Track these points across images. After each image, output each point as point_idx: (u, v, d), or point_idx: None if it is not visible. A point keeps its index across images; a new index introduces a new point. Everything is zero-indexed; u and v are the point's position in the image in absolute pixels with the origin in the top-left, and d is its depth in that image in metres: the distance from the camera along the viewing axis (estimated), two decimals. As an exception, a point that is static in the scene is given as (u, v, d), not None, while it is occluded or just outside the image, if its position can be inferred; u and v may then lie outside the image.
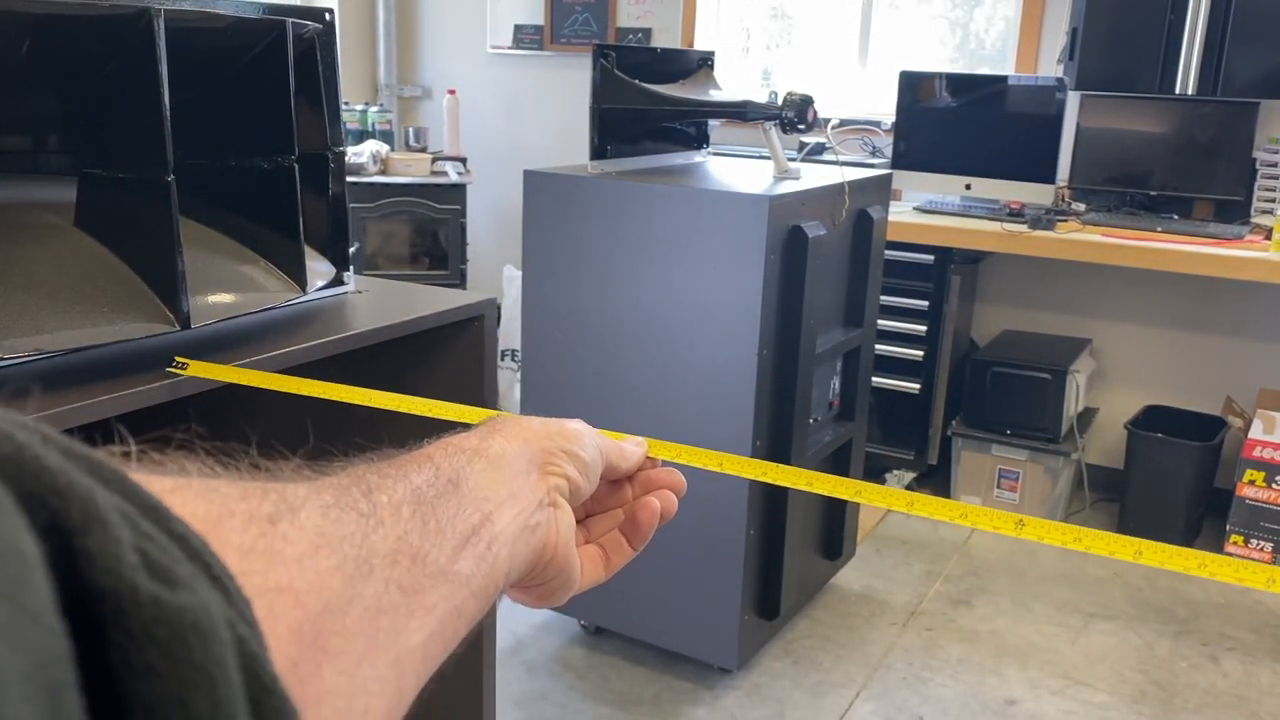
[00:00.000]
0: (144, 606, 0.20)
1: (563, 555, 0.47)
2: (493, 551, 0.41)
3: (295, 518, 0.33)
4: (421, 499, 0.39)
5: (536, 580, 0.47)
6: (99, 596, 0.20)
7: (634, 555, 0.55)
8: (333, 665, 0.32)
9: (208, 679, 0.20)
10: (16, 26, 0.86)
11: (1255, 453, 3.09)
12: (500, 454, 0.45)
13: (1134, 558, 0.50)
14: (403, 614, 0.35)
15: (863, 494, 0.57)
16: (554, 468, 0.47)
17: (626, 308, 2.39)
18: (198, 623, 0.21)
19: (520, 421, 0.49)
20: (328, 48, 1.12)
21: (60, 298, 0.85)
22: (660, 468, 0.58)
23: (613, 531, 0.55)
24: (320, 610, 0.32)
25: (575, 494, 0.49)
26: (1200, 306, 3.52)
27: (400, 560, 0.36)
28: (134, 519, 0.22)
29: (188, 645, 0.20)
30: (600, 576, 0.54)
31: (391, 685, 0.34)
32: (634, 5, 4.37)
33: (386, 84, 4.87)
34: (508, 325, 3.90)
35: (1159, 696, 2.56)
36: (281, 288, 1.04)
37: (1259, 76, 3.15)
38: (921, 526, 3.44)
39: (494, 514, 0.42)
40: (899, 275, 3.38)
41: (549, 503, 0.46)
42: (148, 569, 0.21)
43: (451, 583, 0.38)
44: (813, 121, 2.61)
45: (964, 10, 4.04)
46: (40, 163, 0.98)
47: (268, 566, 0.31)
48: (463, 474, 0.42)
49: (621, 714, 2.43)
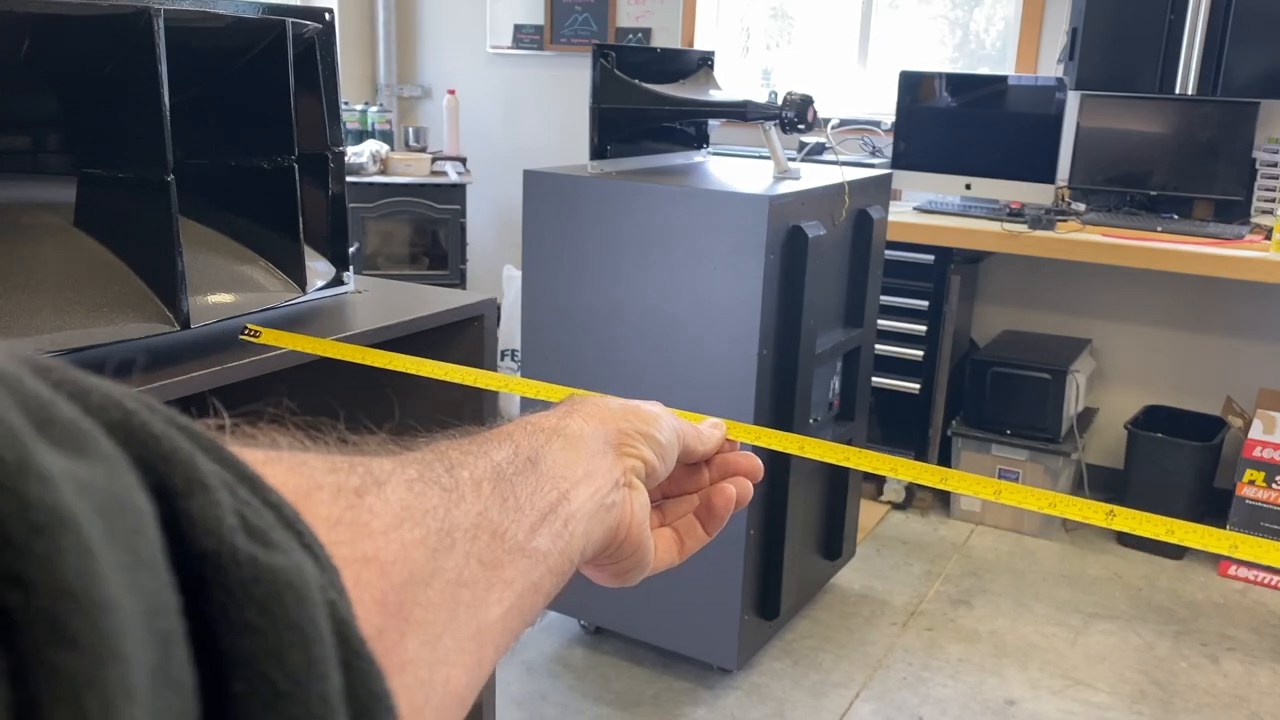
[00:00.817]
0: (243, 565, 0.21)
1: (636, 535, 0.47)
2: (569, 529, 0.42)
3: (381, 491, 0.34)
4: (501, 476, 0.40)
5: (611, 559, 0.48)
6: (200, 556, 0.21)
7: (708, 540, 0.55)
8: (416, 635, 0.32)
9: (302, 636, 0.21)
10: (16, 26, 0.86)
11: (1255, 453, 3.09)
12: (578, 434, 0.46)
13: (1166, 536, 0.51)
14: (482, 587, 0.36)
15: (949, 480, 0.57)
16: (630, 449, 0.48)
17: (626, 307, 2.39)
18: (293, 583, 0.22)
19: (598, 402, 0.50)
20: (327, 47, 1.12)
21: (60, 298, 0.85)
22: (739, 451, 0.58)
23: (687, 516, 0.55)
24: (404, 581, 0.33)
25: (651, 476, 0.49)
26: (1200, 306, 3.52)
27: (480, 535, 0.37)
28: (232, 485, 0.23)
29: (283, 603, 0.21)
30: (674, 560, 0.54)
31: (472, 657, 0.35)
32: (634, 5, 4.37)
33: (386, 84, 4.87)
34: (507, 325, 3.90)
35: (1159, 697, 2.56)
36: (281, 288, 1.04)
37: (1259, 76, 3.15)
38: (921, 527, 3.44)
39: (570, 492, 0.43)
40: (899, 275, 3.38)
41: (624, 483, 0.47)
42: (246, 531, 0.22)
43: (529, 558, 0.39)
44: (813, 121, 2.61)
45: (964, 10, 4.04)
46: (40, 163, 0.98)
47: (355, 537, 0.32)
48: (541, 452, 0.43)
49: (621, 714, 2.43)
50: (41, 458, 0.18)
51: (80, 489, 0.19)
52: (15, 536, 0.17)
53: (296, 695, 0.21)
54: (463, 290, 3.92)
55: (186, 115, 0.93)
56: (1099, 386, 3.68)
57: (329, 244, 1.17)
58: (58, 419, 0.20)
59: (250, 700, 0.20)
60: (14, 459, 0.18)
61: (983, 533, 3.41)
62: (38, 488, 0.18)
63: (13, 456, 0.18)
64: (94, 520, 0.18)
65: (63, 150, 0.98)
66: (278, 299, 1.03)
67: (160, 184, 0.89)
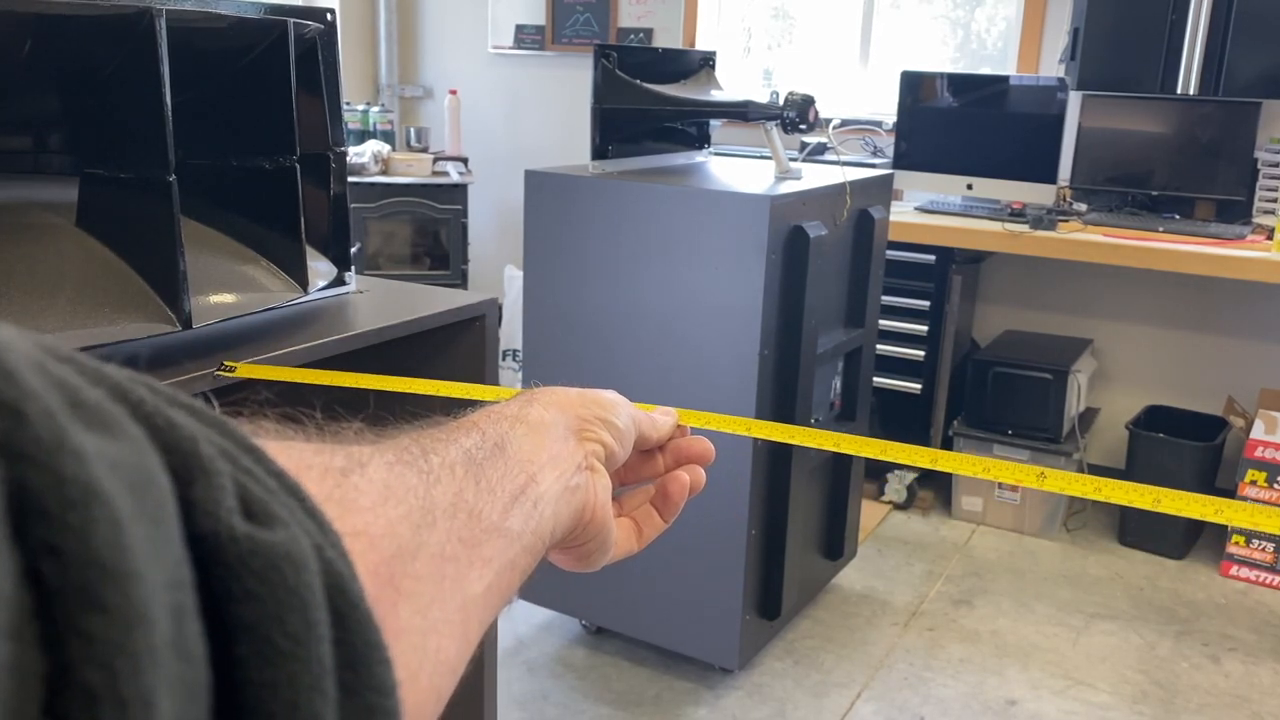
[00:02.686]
0: (240, 542, 0.22)
1: (601, 517, 0.49)
2: (539, 510, 0.44)
3: (364, 471, 0.36)
4: (472, 460, 0.41)
5: (577, 540, 0.49)
6: (199, 538, 0.22)
7: (665, 527, 0.57)
8: (407, 604, 0.34)
9: (300, 601, 0.23)
10: (18, 26, 0.86)
11: (1257, 453, 3.09)
12: (539, 420, 0.47)
13: (1153, 505, 0.52)
14: (464, 564, 0.38)
15: (939, 461, 0.58)
16: (590, 434, 0.49)
17: (628, 308, 2.39)
18: (290, 553, 0.23)
19: (556, 391, 0.51)
20: (329, 48, 1.12)
21: (62, 298, 0.85)
22: (690, 436, 0.60)
23: (645, 505, 0.57)
24: (393, 554, 0.34)
25: (610, 459, 0.51)
26: (1202, 307, 3.52)
27: (459, 514, 0.39)
28: (234, 456, 0.24)
29: (281, 571, 0.23)
30: (633, 548, 0.56)
31: (458, 628, 0.37)
32: (635, 5, 4.37)
33: (388, 84, 4.87)
34: (509, 325, 3.90)
35: (1160, 697, 2.56)
36: (283, 288, 1.04)
37: (1260, 76, 3.15)
38: (923, 527, 3.44)
39: (537, 475, 0.44)
40: (900, 275, 3.38)
41: (587, 466, 0.48)
42: (245, 511, 0.23)
43: (505, 537, 0.41)
44: (814, 121, 2.61)
45: (965, 10, 4.04)
46: (42, 163, 0.98)
47: (344, 513, 0.33)
48: (507, 438, 0.45)
49: (623, 714, 2.43)
50: (76, 436, 0.19)
51: (111, 466, 0.20)
52: (51, 509, 0.18)
53: (297, 654, 0.22)
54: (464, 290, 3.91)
55: (188, 115, 0.93)
56: (1100, 386, 3.68)
57: (330, 244, 1.17)
58: (85, 401, 0.21)
59: (253, 660, 0.22)
60: (50, 437, 0.19)
61: (984, 533, 3.41)
62: (72, 464, 0.19)
63: (49, 435, 0.19)
64: (124, 495, 0.20)
65: (65, 150, 0.98)
66: (279, 299, 1.03)
67: (162, 184, 0.89)
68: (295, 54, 1.03)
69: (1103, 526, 3.46)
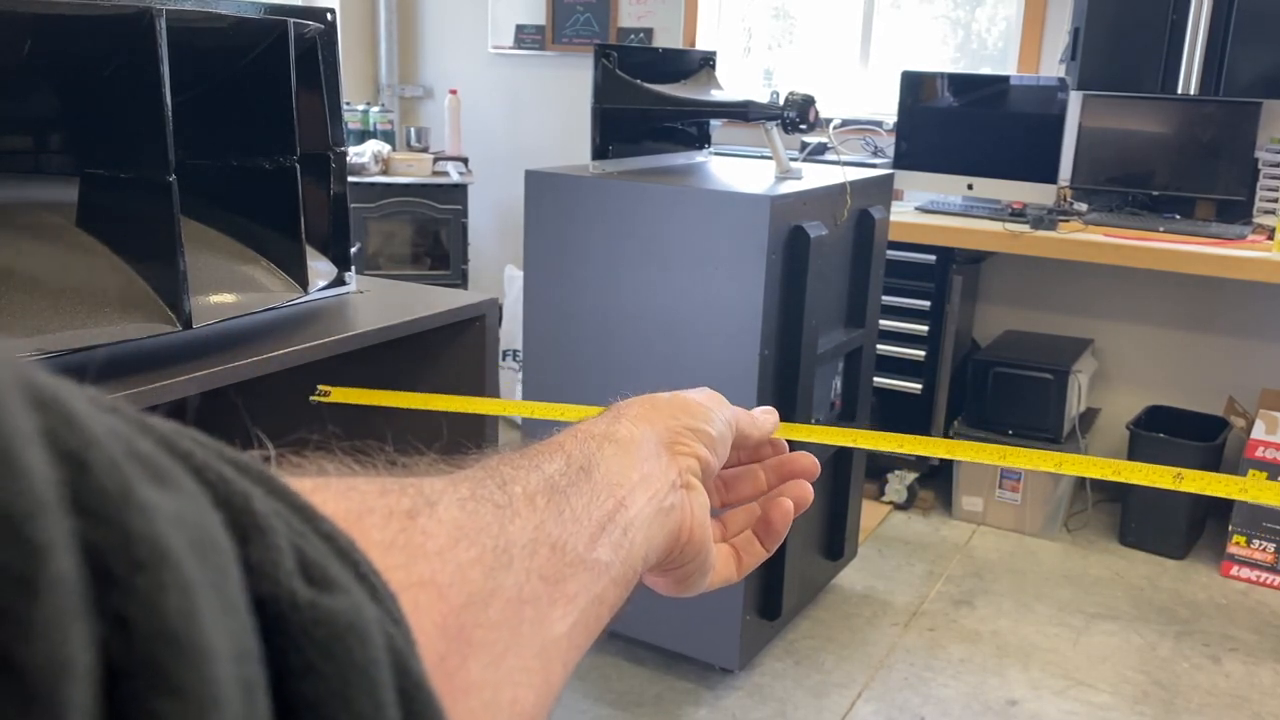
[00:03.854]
0: (302, 609, 0.20)
1: (699, 537, 0.46)
2: (629, 537, 0.41)
3: (433, 511, 0.33)
4: (555, 488, 0.39)
5: (674, 563, 0.47)
6: (259, 602, 0.20)
7: (766, 556, 0.54)
8: (478, 658, 0.32)
9: (369, 680, 0.21)
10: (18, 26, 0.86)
11: (1258, 453, 3.09)
12: (629, 438, 0.44)
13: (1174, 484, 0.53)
14: (545, 604, 0.35)
15: (1008, 457, 0.58)
16: (683, 447, 0.47)
17: (628, 307, 2.39)
18: (353, 624, 0.21)
19: (645, 402, 0.49)
20: (329, 48, 1.12)
21: (62, 298, 0.85)
22: (795, 451, 0.57)
23: (746, 531, 0.54)
24: (463, 603, 0.32)
25: (706, 472, 0.48)
26: (1202, 307, 3.52)
27: (539, 550, 0.36)
28: (286, 518, 0.22)
29: (347, 646, 0.21)
30: (732, 576, 0.53)
31: (538, 676, 0.34)
32: (635, 5, 4.37)
33: (388, 84, 4.87)
34: (509, 325, 3.90)
35: (1161, 697, 2.56)
36: (283, 288, 1.04)
37: (1261, 76, 3.14)
38: (924, 527, 3.44)
39: (628, 499, 0.42)
40: (901, 275, 3.38)
41: (682, 484, 0.45)
42: (304, 575, 0.21)
43: (591, 570, 0.38)
44: (814, 121, 2.60)
45: (965, 10, 4.04)
46: (42, 163, 0.98)
47: (410, 561, 0.31)
48: (594, 460, 0.42)
49: (623, 714, 2.43)
50: (142, 488, 0.17)
51: (174, 523, 0.18)
52: (118, 572, 0.16)
53: None
54: (464, 290, 3.91)
55: (189, 115, 0.93)
56: (1101, 387, 3.68)
57: (331, 244, 1.17)
58: (140, 452, 0.19)
59: None
60: (116, 489, 0.17)
61: (984, 533, 3.41)
62: (140, 520, 0.17)
63: (114, 486, 0.17)
64: (190, 556, 0.18)
65: (65, 150, 0.98)
66: (279, 299, 1.03)
67: (162, 184, 0.89)
68: (295, 54, 1.03)
69: (1103, 527, 3.46)
